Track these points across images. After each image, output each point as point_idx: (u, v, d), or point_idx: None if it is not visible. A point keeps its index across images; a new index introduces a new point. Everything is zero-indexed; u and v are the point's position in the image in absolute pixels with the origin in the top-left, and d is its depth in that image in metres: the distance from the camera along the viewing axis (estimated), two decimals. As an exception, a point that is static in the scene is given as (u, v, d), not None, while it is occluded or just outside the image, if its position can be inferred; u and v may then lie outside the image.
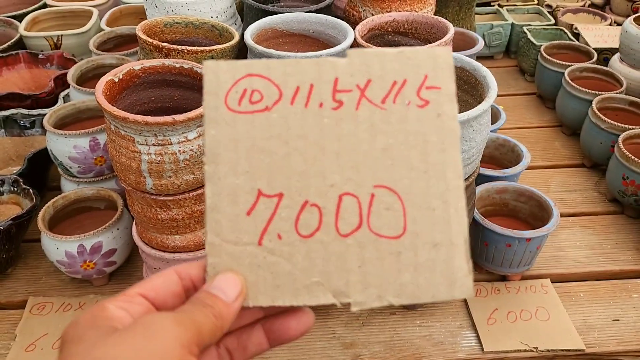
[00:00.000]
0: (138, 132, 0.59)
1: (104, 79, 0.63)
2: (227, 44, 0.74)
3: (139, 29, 0.75)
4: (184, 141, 0.60)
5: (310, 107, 0.28)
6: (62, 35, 1.16)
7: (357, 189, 0.27)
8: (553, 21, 1.38)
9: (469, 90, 0.66)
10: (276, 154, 0.28)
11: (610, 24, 1.35)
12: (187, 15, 0.83)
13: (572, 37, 1.28)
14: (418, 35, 0.80)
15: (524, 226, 0.83)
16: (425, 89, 0.27)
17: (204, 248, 0.69)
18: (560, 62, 1.13)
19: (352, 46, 0.77)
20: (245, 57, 0.79)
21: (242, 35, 0.79)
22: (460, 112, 0.69)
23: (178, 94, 0.71)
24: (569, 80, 1.06)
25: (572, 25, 1.32)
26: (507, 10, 1.43)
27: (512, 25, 1.35)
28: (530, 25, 1.34)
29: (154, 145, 0.59)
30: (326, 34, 0.80)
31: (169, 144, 0.59)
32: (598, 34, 1.26)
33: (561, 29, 1.31)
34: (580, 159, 1.06)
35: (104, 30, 1.13)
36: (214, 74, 0.28)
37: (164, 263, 0.70)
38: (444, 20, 0.76)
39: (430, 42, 0.79)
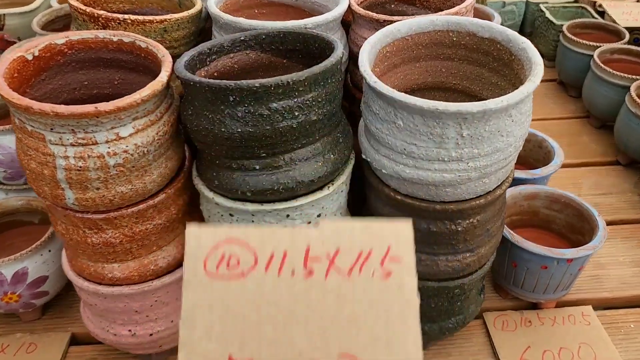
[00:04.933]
0: (49, 127, 0.42)
1: (10, 57, 0.47)
2: (184, 14, 0.57)
3: (70, -5, 0.58)
4: (115, 140, 0.43)
5: (283, 275, 0.29)
6: (4, 14, 0.98)
7: (323, 357, 0.28)
8: (572, -2, 1.22)
9: (499, 70, 0.50)
10: (249, 319, 0.28)
11: (638, 0, 1.19)
12: (137, -20, 0.66)
13: (596, 16, 1.12)
14: (428, 3, 0.64)
15: (559, 241, 0.68)
16: (388, 259, 0.29)
17: (151, 279, 0.53)
18: (588, 42, 0.97)
19: (346, 19, 0.61)
20: (209, 34, 0.62)
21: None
22: (488, 97, 0.54)
23: (119, 77, 0.55)
24: (600, 63, 0.91)
25: (595, 2, 1.16)
26: (520, -13, 1.27)
27: (527, 3, 1.19)
28: (547, 2, 1.18)
29: (72, 145, 0.43)
30: (313, 2, 0.64)
31: (93, 144, 0.43)
32: (626, 11, 1.10)
33: (582, 7, 1.16)
34: (614, 155, 0.90)
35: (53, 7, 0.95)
36: (195, 238, 0.29)
37: (100, 299, 0.54)
38: (461, -18, 0.60)
39: (443, 11, 0.63)
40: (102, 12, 0.55)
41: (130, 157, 0.45)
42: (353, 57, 0.62)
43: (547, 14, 1.11)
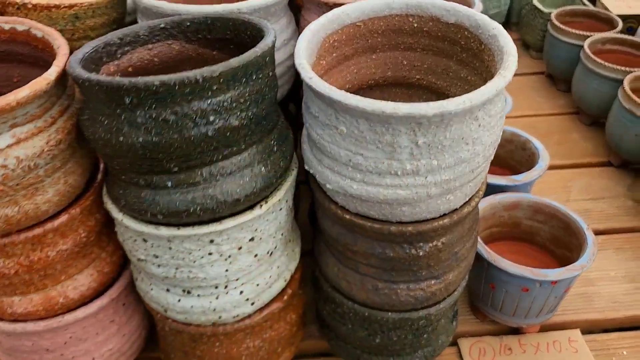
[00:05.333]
0: None
1: None
2: (100, -3, 0.48)
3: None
4: (-12, 152, 0.35)
5: None
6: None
7: None
8: (562, -15, 1.14)
9: (469, 62, 0.42)
10: None
11: (632, -13, 1.11)
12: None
13: (586, 2, 1.04)
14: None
15: (543, 255, 0.60)
16: None
17: (60, 314, 0.45)
18: (577, 32, 0.89)
19: (298, 2, 0.53)
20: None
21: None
22: (457, 95, 0.45)
23: (19, 73, 0.46)
24: (590, 54, 0.83)
25: (587, -12, 1.08)
26: (506, -27, 1.18)
27: (513, -11, 1.11)
28: (535, -11, 1.09)
29: None
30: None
31: (-41, 158, 0.35)
32: (619, -3, 1.02)
33: (573, -7, 1.07)
34: (605, 155, 0.83)
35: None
36: None
37: (3, 337, 0.46)
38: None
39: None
40: (-3, -5, 0.46)
41: (12, 173, 0.36)
42: (306, 49, 0.53)
43: (535, 1, 1.02)
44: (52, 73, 0.36)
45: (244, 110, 0.35)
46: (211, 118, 0.34)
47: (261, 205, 0.39)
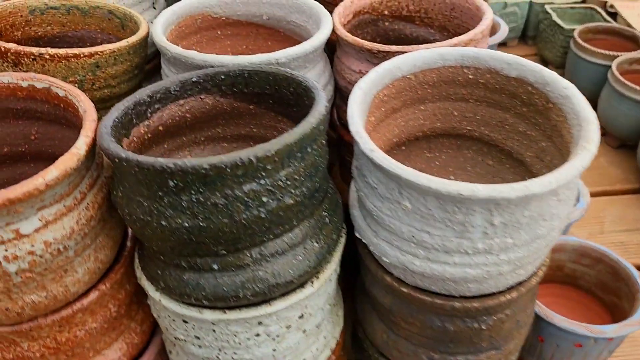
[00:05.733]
0: None
1: None
2: (122, 43, 0.45)
3: (-26, 21, 0.46)
4: (14, 239, 0.31)
5: None
6: None
7: None
8: (580, -2, 1.11)
9: (530, 117, 0.39)
10: None
11: (651, 0, 1.09)
12: (70, -4, 0.53)
13: (607, 18, 1.01)
14: (430, 21, 0.52)
15: (588, 299, 0.57)
16: None
17: (89, 396, 0.41)
18: (603, 51, 0.86)
19: (331, 39, 0.49)
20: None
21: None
22: (519, 149, 0.42)
23: (36, 130, 0.42)
24: (619, 77, 0.80)
25: (606, 2, 1.06)
26: (521, -15, 1.15)
27: (531, 3, 1.08)
28: (553, 3, 1.07)
29: (-48, 249, 0.31)
30: (289, 21, 0.52)
31: (-18, 247, 0.31)
32: (641, 12, 0.99)
33: (592, 8, 1.05)
34: (636, 181, 0.80)
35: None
36: None
37: (24, 420, 0.42)
38: (472, -4, 0.48)
39: (449, 32, 0.51)
40: (11, 45, 0.42)
41: (40, 260, 0.32)
42: (340, 91, 0.50)
43: (554, 17, 0.99)
44: (81, 147, 0.33)
45: (297, 187, 0.32)
46: (264, 199, 0.31)
47: (312, 282, 0.36)
